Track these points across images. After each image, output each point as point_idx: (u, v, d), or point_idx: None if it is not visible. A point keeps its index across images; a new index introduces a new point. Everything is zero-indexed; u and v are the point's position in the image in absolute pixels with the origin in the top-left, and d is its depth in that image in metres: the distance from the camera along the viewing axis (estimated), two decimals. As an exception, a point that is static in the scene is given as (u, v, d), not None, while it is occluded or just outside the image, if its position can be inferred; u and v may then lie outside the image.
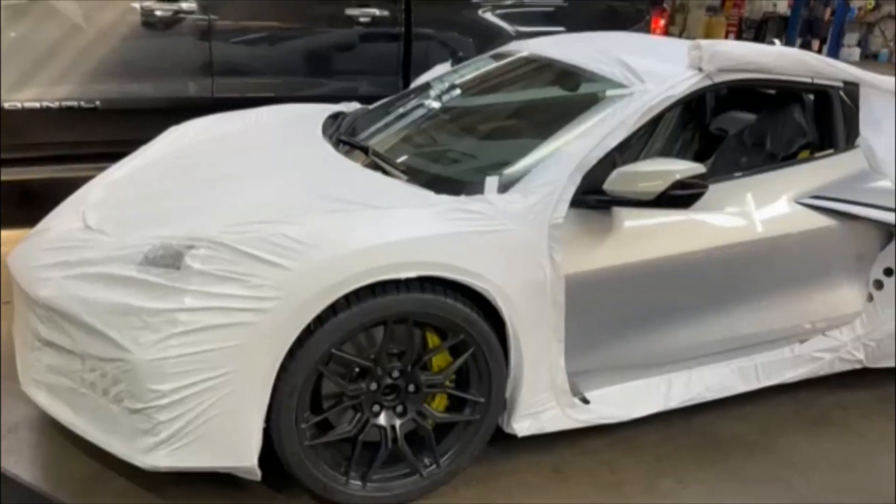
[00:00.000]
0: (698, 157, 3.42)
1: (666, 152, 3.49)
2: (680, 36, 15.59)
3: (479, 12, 4.86)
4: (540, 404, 2.33)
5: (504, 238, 2.15)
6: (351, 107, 3.45)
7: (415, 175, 2.45)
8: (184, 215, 2.20)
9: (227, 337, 1.88)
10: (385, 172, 2.48)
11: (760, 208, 2.58)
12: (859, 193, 2.65)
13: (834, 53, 13.52)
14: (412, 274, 1.99)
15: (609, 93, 2.56)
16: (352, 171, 2.49)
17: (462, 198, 2.23)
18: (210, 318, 1.88)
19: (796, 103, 2.95)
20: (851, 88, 2.84)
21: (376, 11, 4.52)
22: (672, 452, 2.59)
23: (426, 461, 2.23)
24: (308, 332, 1.95)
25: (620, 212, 2.36)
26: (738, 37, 15.84)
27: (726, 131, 3.33)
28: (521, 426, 2.32)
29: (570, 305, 2.26)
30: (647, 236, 2.39)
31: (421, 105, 3.07)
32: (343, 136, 2.86)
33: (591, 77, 2.73)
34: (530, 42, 3.31)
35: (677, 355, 2.59)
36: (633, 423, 2.58)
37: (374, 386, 2.13)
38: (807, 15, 15.33)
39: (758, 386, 2.73)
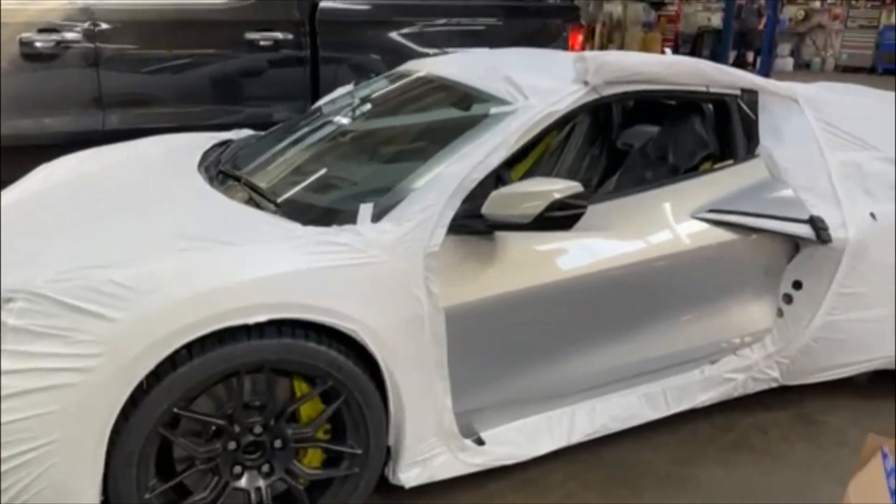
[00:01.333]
0: (606, 173, 3.31)
1: (575, 169, 3.37)
2: (618, 52, 15.73)
3: (393, 34, 4.73)
4: (427, 450, 2.14)
5: (373, 271, 1.96)
6: (241, 134, 3.26)
7: (288, 206, 2.26)
8: (22, 264, 1.97)
9: (47, 402, 1.66)
10: (257, 205, 2.28)
11: (657, 225, 2.45)
12: (760, 204, 2.54)
13: (767, 64, 13.79)
14: (262, 318, 1.79)
15: (492, 111, 2.41)
16: (219, 204, 2.29)
17: (330, 229, 2.05)
18: (26, 381, 1.66)
19: (696, 114, 2.85)
20: (750, 96, 2.75)
21: (279, 35, 4.35)
22: (579, 490, 2.41)
23: (300, 524, 2.02)
24: (143, 390, 1.73)
25: (505, 236, 2.20)
26: (675, 51, 16.12)
27: (632, 146, 3.22)
28: (408, 476, 2.13)
29: (453, 340, 2.09)
30: (535, 261, 2.23)
31: (307, 131, 2.89)
32: (222, 167, 2.66)
33: (478, 95, 2.58)
34: (425, 61, 3.17)
35: (579, 385, 2.43)
36: (538, 461, 2.41)
37: (232, 445, 1.92)
38: (739, 27, 15.67)
39: (667, 412, 2.59)
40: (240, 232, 2.03)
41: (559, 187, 2.07)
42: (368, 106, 2.92)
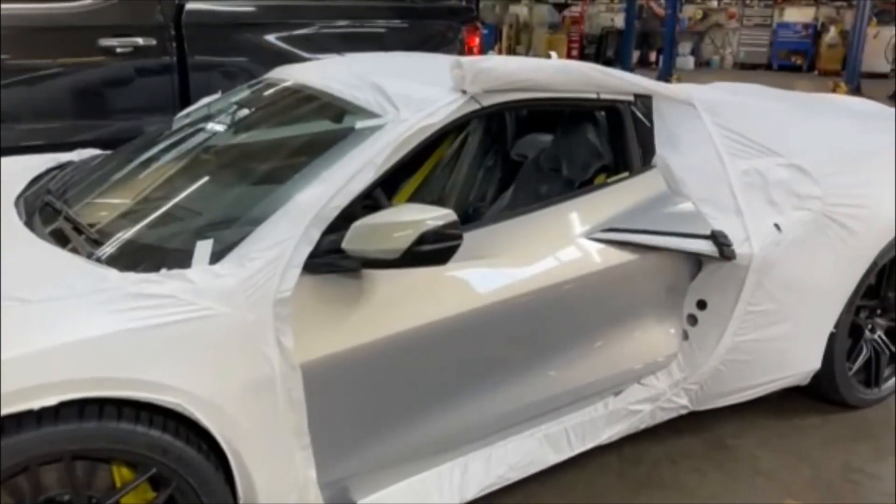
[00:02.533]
0: (501, 187, 3.05)
1: (469, 183, 3.09)
2: (526, 54, 15.77)
3: (273, 38, 4.35)
4: (291, 530, 1.81)
5: (205, 327, 1.62)
6: (84, 155, 2.84)
7: (112, 246, 1.89)
8: None
9: None
10: (75, 246, 1.90)
11: (548, 249, 2.19)
12: (658, 220, 2.32)
13: (668, 63, 14.04)
14: (51, 400, 1.42)
15: (358, 125, 2.10)
16: (26, 248, 1.89)
17: (153, 276, 1.69)
18: None
19: (589, 123, 2.62)
20: (644, 102, 2.53)
21: (139, 41, 3.90)
22: (475, 552, 2.14)
23: None
24: None
25: (374, 274, 1.89)
26: (581, 53, 16.24)
27: (527, 157, 2.97)
28: (269, 563, 1.79)
29: (315, 401, 1.76)
30: (409, 300, 1.93)
31: (152, 151, 2.50)
32: (47, 198, 2.25)
33: (345, 107, 2.27)
34: (294, 67, 2.83)
35: (471, 435, 2.15)
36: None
37: (35, 551, 1.54)
38: (642, 28, 15.92)
39: (571, 453, 2.33)
40: (40, 284, 1.65)
41: (431, 216, 1.78)
42: (223, 120, 2.56)
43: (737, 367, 2.46)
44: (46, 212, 2.16)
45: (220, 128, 2.49)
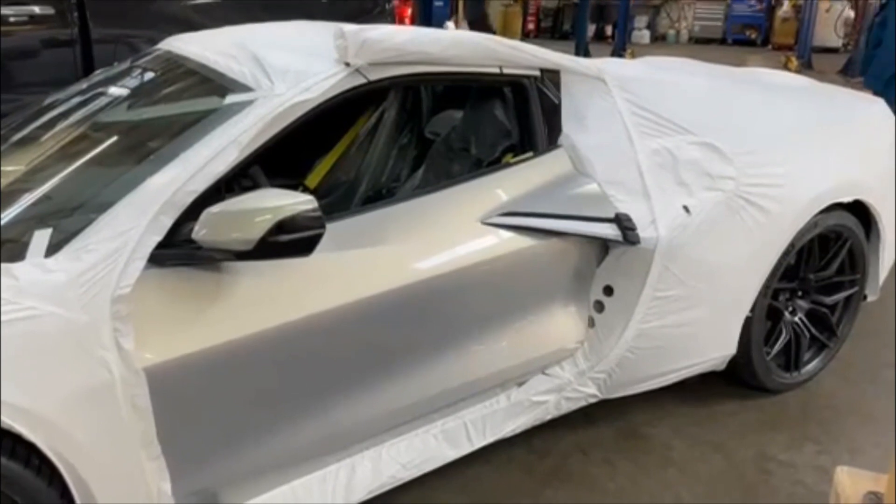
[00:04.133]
0: (416, 167, 2.89)
1: (383, 162, 2.92)
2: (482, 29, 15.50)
3: (186, 6, 4.11)
4: (145, 547, 1.66)
5: (28, 329, 1.45)
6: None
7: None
8: None
9: None
10: None
11: (441, 234, 2.06)
12: (562, 202, 2.20)
13: (622, 36, 13.91)
14: None
15: (227, 100, 1.92)
16: None
17: (-25, 272, 1.50)
18: None
19: (496, 99, 2.46)
20: (552, 77, 2.39)
21: (36, 9, 3.65)
22: (361, 559, 2.01)
23: None
24: None
25: (235, 267, 1.72)
26: (537, 26, 16.04)
27: (439, 134, 2.81)
28: (119, 583, 1.64)
29: (165, 407, 1.60)
30: (277, 295, 1.78)
31: (22, 129, 2.28)
32: None
33: (219, 80, 2.08)
34: (181, 38, 2.61)
35: (358, 435, 2.01)
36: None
37: None
38: (597, 1, 15.75)
39: (471, 448, 2.22)
40: None
41: (288, 202, 1.62)
42: (94, 97, 2.34)
43: (646, 354, 2.36)
44: None
45: (89, 105, 2.28)
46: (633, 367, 2.38)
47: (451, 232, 2.06)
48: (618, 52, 11.76)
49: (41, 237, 1.61)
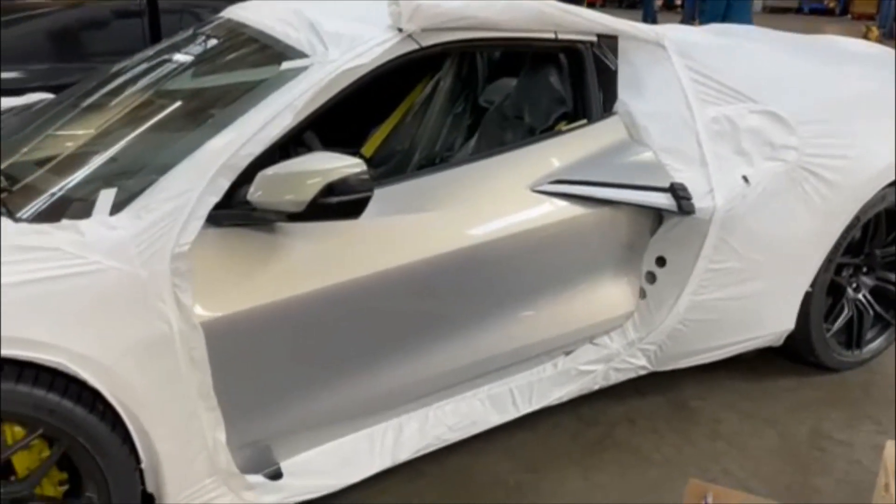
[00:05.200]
0: (470, 135, 2.89)
1: (436, 131, 2.93)
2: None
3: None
4: (201, 494, 1.74)
5: (92, 283, 1.52)
6: (34, 98, 2.74)
7: (22, 195, 1.79)
8: None
9: None
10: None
11: (492, 201, 2.06)
12: (615, 171, 2.17)
13: (692, 5, 13.42)
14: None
15: (283, 66, 1.96)
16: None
17: (46, 227, 1.59)
18: None
19: (551, 65, 2.43)
20: (609, 43, 2.34)
21: (108, -19, 3.77)
22: (410, 514, 2.07)
23: None
24: None
25: (289, 228, 1.77)
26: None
27: (493, 103, 2.80)
28: (178, 526, 1.74)
29: (221, 361, 1.67)
30: (330, 256, 1.82)
31: (91, 96, 2.38)
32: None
33: (276, 46, 2.12)
34: (243, 5, 2.65)
35: (406, 395, 2.06)
36: (369, 482, 2.05)
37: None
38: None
39: (517, 414, 2.24)
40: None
41: (338, 165, 1.65)
42: (165, 63, 2.42)
43: (698, 326, 2.33)
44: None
45: (155, 72, 2.36)
46: (684, 339, 2.35)
47: (500, 199, 2.06)
48: (687, 22, 11.39)
49: (106, 196, 1.68)
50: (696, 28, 3.26)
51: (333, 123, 2.37)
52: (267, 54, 2.16)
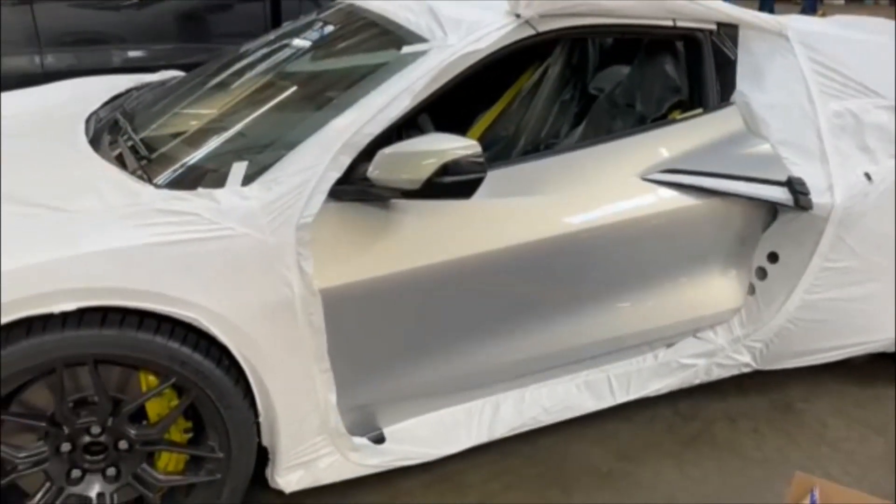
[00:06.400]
0: (577, 123, 2.89)
1: (542, 118, 2.95)
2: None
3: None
4: (311, 451, 1.85)
5: (226, 247, 1.64)
6: (167, 76, 2.93)
7: (159, 163, 1.95)
8: None
9: None
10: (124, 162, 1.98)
11: (600, 187, 2.07)
12: (729, 162, 2.13)
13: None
14: (69, 306, 1.49)
15: (403, 51, 2.03)
16: (76, 160, 1.97)
17: (183, 193, 1.73)
18: None
19: (667, 53, 2.41)
20: (729, 32, 2.30)
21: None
22: (501, 492, 2.12)
23: (156, 533, 1.77)
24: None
25: (403, 205, 1.85)
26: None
27: (604, 90, 2.79)
28: (289, 480, 1.86)
29: (335, 327, 1.77)
30: (443, 233, 1.88)
31: (220, 75, 2.53)
32: (117, 116, 2.34)
33: (396, 31, 2.19)
34: (368, -9, 2.75)
35: (504, 374, 2.11)
36: (463, 456, 2.12)
37: (66, 446, 1.65)
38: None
39: (613, 402, 2.25)
40: (80, 196, 1.72)
41: (454, 146, 1.70)
42: (287, 46, 2.54)
43: (808, 326, 2.26)
44: (113, 129, 2.25)
45: (280, 54, 2.48)
46: (793, 339, 2.29)
47: (609, 186, 2.07)
48: (808, 13, 10.84)
49: (238, 168, 1.80)
50: (815, 18, 3.12)
51: (439, 109, 2.43)
52: (386, 39, 2.24)
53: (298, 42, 2.52)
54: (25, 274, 1.48)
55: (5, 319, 1.46)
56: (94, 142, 2.14)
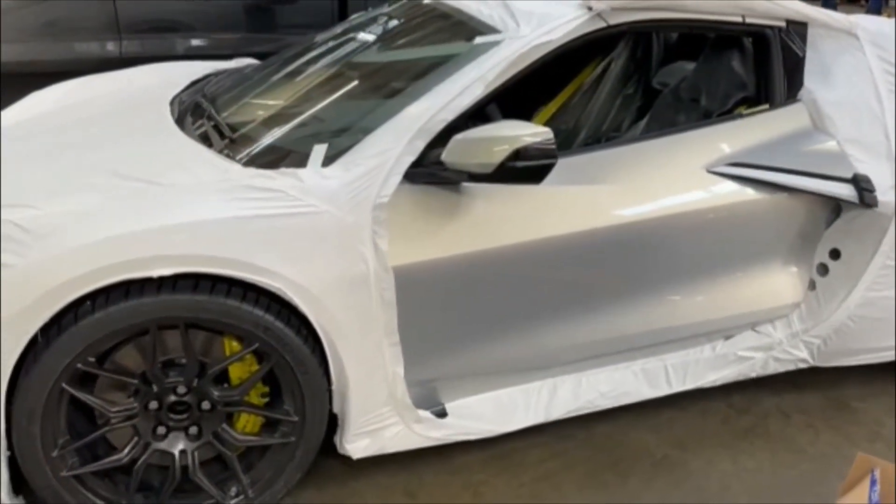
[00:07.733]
0: (639, 117, 2.93)
1: (604, 112, 3.00)
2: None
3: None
4: (378, 420, 1.94)
5: (309, 223, 1.74)
6: (241, 63, 3.06)
7: (241, 143, 2.06)
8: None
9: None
10: (210, 141, 2.09)
11: (665, 179, 2.11)
12: (794, 158, 2.15)
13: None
14: (166, 271, 1.60)
15: (477, 41, 2.10)
16: (168, 139, 2.10)
17: (269, 172, 1.83)
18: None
19: (734, 49, 2.43)
20: (798, 30, 2.31)
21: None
22: (557, 472, 2.18)
23: (233, 491, 1.88)
24: (44, 343, 1.60)
25: (475, 188, 1.92)
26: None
27: (668, 85, 2.82)
28: (356, 447, 1.95)
29: (406, 303, 1.86)
30: (509, 217, 1.95)
31: (295, 63, 2.64)
32: (199, 99, 2.47)
33: (470, 22, 2.26)
34: (437, -16, 2.83)
35: (563, 357, 2.17)
36: (520, 436, 2.19)
37: (153, 404, 1.78)
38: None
39: (669, 391, 2.29)
40: (173, 172, 1.84)
41: (526, 132, 1.77)
42: (359, 36, 2.64)
43: (868, 324, 2.27)
44: (196, 111, 2.38)
45: (354, 43, 2.58)
46: (852, 336, 2.30)
47: (676, 177, 2.11)
48: (873, 13, 10.57)
49: (319, 150, 1.90)
50: (885, 19, 3.09)
51: (503, 100, 2.48)
52: (459, 30, 2.31)
53: (370, 33, 2.62)
54: (128, 240, 1.60)
55: (108, 281, 1.58)
56: (179, 122, 2.27)
